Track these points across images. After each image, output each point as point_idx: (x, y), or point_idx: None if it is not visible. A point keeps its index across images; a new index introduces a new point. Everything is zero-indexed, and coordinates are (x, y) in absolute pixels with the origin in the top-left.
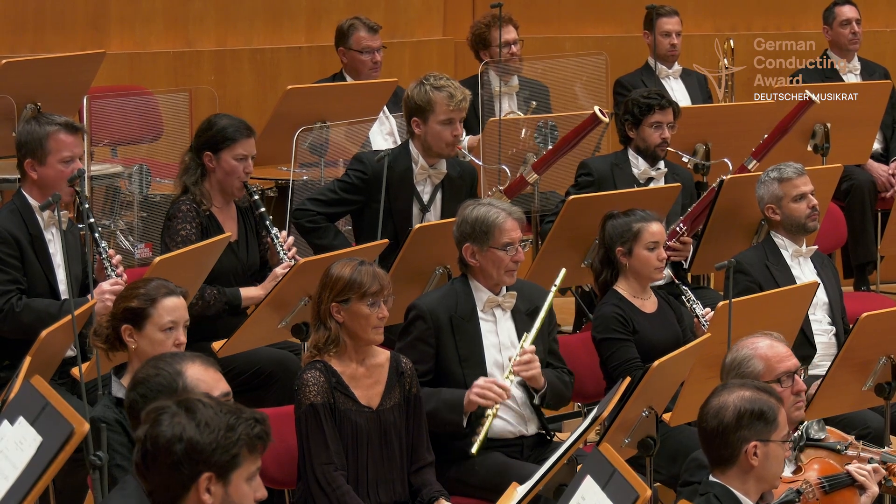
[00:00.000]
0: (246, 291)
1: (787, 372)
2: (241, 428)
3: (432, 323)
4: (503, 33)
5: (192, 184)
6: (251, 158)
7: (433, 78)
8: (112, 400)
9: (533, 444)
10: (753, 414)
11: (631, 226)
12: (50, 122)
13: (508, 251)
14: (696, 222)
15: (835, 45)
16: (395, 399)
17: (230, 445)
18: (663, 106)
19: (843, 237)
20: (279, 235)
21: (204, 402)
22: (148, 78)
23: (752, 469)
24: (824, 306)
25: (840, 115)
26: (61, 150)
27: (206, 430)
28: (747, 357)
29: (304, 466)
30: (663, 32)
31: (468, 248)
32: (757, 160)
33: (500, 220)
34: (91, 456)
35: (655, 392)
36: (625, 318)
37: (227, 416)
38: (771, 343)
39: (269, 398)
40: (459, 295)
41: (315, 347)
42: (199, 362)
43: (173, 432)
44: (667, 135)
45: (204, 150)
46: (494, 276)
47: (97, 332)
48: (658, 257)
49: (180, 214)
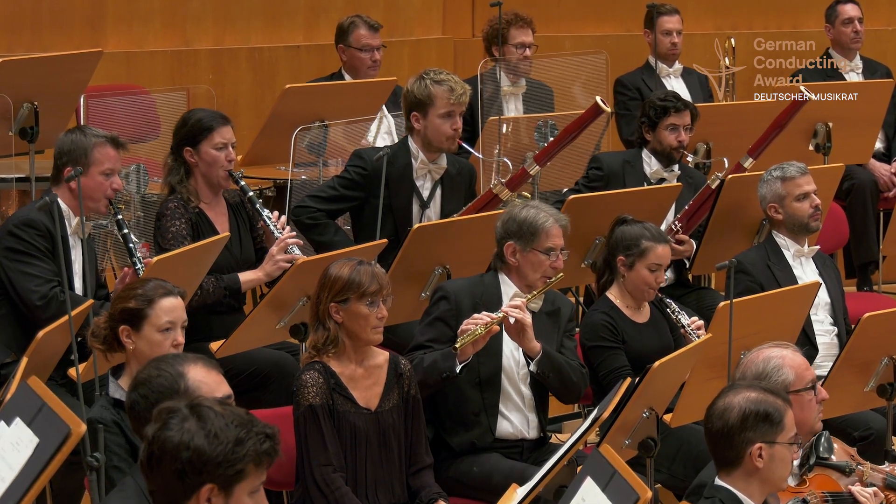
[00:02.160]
0: (244, 276)
1: (814, 380)
2: (250, 443)
3: (455, 305)
4: (521, 34)
5: (178, 183)
6: (231, 146)
7: (433, 72)
8: (109, 401)
9: (532, 447)
10: (759, 415)
11: (640, 241)
12: (95, 134)
13: (550, 256)
14: (693, 220)
15: (837, 44)
16: (393, 400)
17: (237, 460)
18: (679, 108)
19: (845, 237)
20: (271, 216)
21: (215, 411)
22: (145, 77)
23: (757, 471)
24: (826, 307)
25: (842, 114)
26: (104, 161)
27: (215, 441)
28: (776, 367)
29: (303, 468)
30: (664, 31)
31: (510, 245)
32: (753, 157)
33: (547, 224)
34: (88, 457)
35: (656, 393)
36: (614, 326)
37: (237, 428)
38: (794, 353)
39: (266, 399)
40: (487, 286)
41: (314, 348)
42: (201, 364)
43: (181, 439)
44: (683, 137)
45: (183, 147)
46: (530, 278)
47: (94, 332)
48: (656, 279)
49: (168, 212)
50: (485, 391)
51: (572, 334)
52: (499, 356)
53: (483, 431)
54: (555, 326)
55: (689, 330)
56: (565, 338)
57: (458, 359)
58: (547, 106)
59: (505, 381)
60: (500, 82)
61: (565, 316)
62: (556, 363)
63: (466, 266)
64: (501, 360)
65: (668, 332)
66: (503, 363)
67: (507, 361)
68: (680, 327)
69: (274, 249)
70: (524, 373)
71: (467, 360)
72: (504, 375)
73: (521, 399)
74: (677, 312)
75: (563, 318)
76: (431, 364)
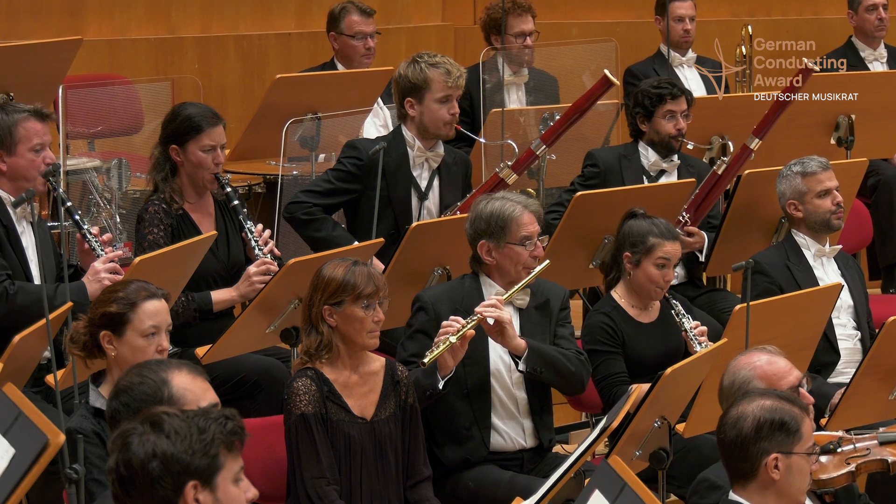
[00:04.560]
0: (217, 295)
1: (791, 388)
2: (213, 427)
3: (434, 314)
4: (520, 23)
5: (162, 181)
6: (221, 148)
7: (427, 56)
8: (90, 410)
9: (532, 457)
10: (774, 424)
11: (647, 237)
12: (17, 110)
13: (527, 246)
14: (701, 210)
15: (860, 32)
16: (390, 409)
17: (206, 448)
18: (675, 95)
19: (869, 236)
20: (254, 230)
21: (168, 413)
22: (127, 66)
23: (774, 483)
24: (849, 309)
25: (865, 105)
26: (31, 137)
27: (178, 438)
28: (747, 379)
29: (295, 480)
30: (676, 17)
31: (483, 245)
32: (759, 138)
33: (516, 213)
34: (67, 469)
35: (668, 401)
36: (614, 329)
37: (195, 419)
38: (769, 358)
39: (254, 408)
40: (467, 290)
41: (306, 353)
42: (186, 370)
43: (145, 451)
44: (682, 125)
45: (170, 143)
46: (512, 273)
47: (73, 338)
48: (664, 277)
49: (147, 217)
50: (474, 402)
51: (567, 321)
52: (485, 362)
53: (476, 445)
54: (546, 319)
55: (691, 335)
56: (559, 326)
57: (440, 373)
58: (551, 96)
59: (496, 389)
60: (499, 71)
61: (556, 305)
62: (548, 356)
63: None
64: (489, 366)
65: (678, 333)
66: (491, 369)
67: (495, 367)
68: (682, 331)
69: (251, 269)
70: (517, 377)
71: (450, 374)
72: (494, 382)
73: (516, 406)
74: (681, 315)
75: (555, 308)
76: (414, 383)
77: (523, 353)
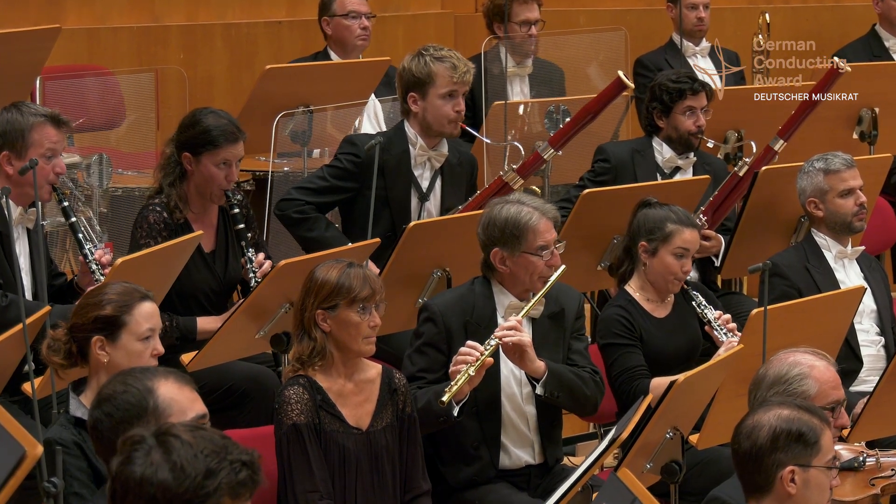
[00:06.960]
0: (203, 323)
1: (838, 401)
2: (222, 474)
3: (444, 327)
4: (525, 11)
5: (169, 185)
6: (237, 164)
7: (432, 49)
8: (70, 419)
9: (540, 473)
10: (791, 435)
11: (665, 224)
12: (33, 112)
13: (543, 255)
14: (719, 213)
15: (885, 20)
16: (386, 419)
17: (207, 495)
18: (696, 90)
19: (894, 236)
20: (253, 258)
21: (183, 440)
22: (108, 56)
23: (790, 498)
24: (872, 314)
25: (889, 98)
26: (44, 143)
27: (182, 474)
28: (800, 375)
29: (286, 495)
30: (689, 5)
31: (497, 253)
32: (784, 139)
33: (532, 221)
34: (45, 482)
35: (681, 411)
36: (630, 322)
37: (207, 458)
38: (827, 366)
39: (242, 419)
40: (478, 298)
41: (298, 360)
42: (172, 379)
43: (143, 473)
44: (702, 121)
45: (183, 150)
46: (527, 283)
47: (52, 345)
48: (683, 268)
49: (146, 225)
50: (484, 421)
51: (581, 333)
52: (496, 379)
53: (484, 465)
54: (560, 330)
55: (716, 325)
56: (573, 339)
57: (454, 398)
58: (556, 88)
59: (506, 407)
60: (502, 61)
61: (571, 314)
62: (566, 381)
63: (468, 269)
64: (500, 382)
65: (697, 327)
66: (503, 386)
67: (506, 383)
68: (706, 323)
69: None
70: (528, 391)
71: (465, 399)
72: (505, 399)
73: (526, 423)
74: (703, 306)
75: (570, 318)
76: (426, 406)
77: (542, 375)
